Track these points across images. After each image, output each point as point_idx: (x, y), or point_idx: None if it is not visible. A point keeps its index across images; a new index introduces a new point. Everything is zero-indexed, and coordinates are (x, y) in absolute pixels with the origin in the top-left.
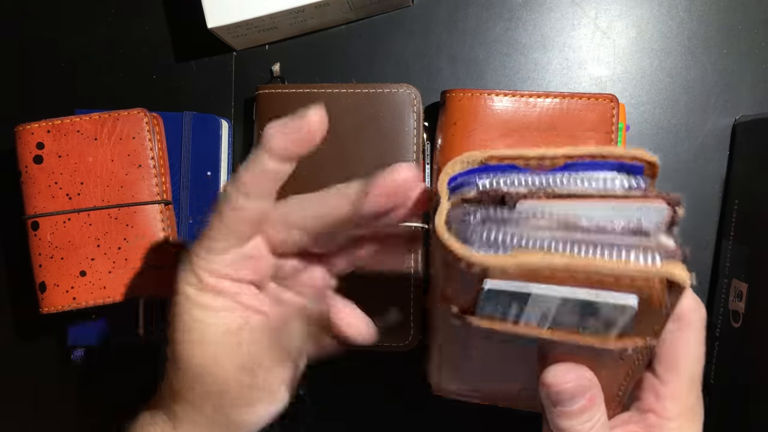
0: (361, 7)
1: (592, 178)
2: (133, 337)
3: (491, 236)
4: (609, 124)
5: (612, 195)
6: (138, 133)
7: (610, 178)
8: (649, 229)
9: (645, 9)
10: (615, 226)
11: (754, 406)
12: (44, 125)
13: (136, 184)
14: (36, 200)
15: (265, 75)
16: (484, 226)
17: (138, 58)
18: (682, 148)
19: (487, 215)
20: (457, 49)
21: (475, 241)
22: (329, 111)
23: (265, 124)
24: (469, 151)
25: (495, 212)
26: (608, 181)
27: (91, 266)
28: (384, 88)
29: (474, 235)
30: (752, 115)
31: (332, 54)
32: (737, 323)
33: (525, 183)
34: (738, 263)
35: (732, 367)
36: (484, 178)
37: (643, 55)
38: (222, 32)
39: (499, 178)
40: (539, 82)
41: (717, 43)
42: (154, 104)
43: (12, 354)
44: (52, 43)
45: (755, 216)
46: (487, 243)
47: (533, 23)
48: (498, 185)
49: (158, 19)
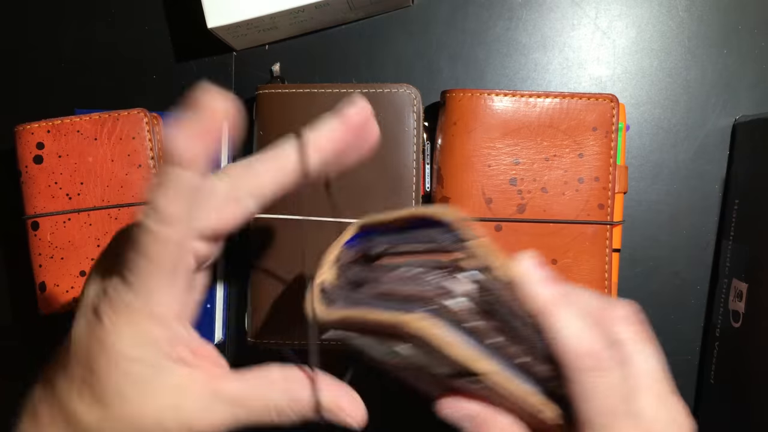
0: (361, 7)
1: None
2: None
3: (342, 299)
4: (609, 124)
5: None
6: (138, 133)
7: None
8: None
9: (645, 9)
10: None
11: (754, 406)
12: (44, 125)
13: (136, 184)
14: (36, 200)
15: (265, 75)
16: (342, 290)
17: (138, 58)
18: (682, 148)
19: (346, 279)
20: (457, 49)
21: (339, 301)
22: (329, 111)
23: (266, 124)
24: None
25: (360, 270)
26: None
27: (91, 266)
28: (384, 88)
29: (335, 297)
30: (752, 115)
31: (332, 54)
32: (737, 323)
33: (382, 245)
34: (738, 263)
35: (732, 367)
36: (355, 247)
37: (643, 55)
38: (222, 32)
39: (366, 244)
40: (539, 82)
41: (717, 43)
42: (154, 104)
43: (12, 354)
44: (52, 43)
45: (755, 216)
46: (346, 303)
47: (533, 23)
48: (365, 250)
49: (158, 19)
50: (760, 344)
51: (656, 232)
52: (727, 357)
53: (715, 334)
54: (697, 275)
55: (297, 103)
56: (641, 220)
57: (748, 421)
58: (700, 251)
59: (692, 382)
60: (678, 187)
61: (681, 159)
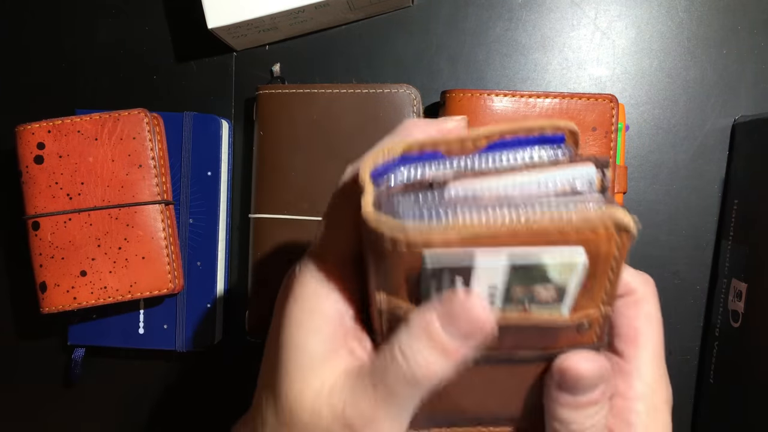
0: (361, 8)
1: (517, 154)
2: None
3: (424, 213)
4: (609, 124)
5: (539, 165)
6: (138, 134)
7: (535, 151)
8: (583, 190)
9: (644, 9)
10: (548, 190)
11: (754, 406)
12: (45, 125)
13: (136, 184)
14: (37, 200)
15: (265, 75)
16: (415, 205)
17: (138, 59)
18: (682, 148)
19: (416, 198)
20: (457, 49)
21: (408, 219)
22: (329, 111)
23: (266, 124)
24: None
25: (425, 196)
26: (534, 153)
27: (91, 266)
28: (384, 88)
29: (406, 213)
30: (752, 115)
31: (332, 54)
32: (737, 323)
33: (450, 167)
34: (737, 263)
35: (732, 367)
36: (408, 169)
37: (642, 56)
38: (222, 32)
39: (424, 167)
40: (539, 82)
41: (716, 43)
42: (155, 104)
43: (12, 354)
44: (53, 43)
45: (755, 216)
46: (420, 219)
47: (533, 23)
48: (423, 173)
49: (159, 20)
50: (759, 344)
51: (656, 232)
52: (727, 357)
53: (715, 334)
54: (696, 275)
55: (297, 103)
56: (641, 220)
57: (747, 421)
58: (699, 251)
59: (691, 381)
60: (677, 187)
61: (680, 159)
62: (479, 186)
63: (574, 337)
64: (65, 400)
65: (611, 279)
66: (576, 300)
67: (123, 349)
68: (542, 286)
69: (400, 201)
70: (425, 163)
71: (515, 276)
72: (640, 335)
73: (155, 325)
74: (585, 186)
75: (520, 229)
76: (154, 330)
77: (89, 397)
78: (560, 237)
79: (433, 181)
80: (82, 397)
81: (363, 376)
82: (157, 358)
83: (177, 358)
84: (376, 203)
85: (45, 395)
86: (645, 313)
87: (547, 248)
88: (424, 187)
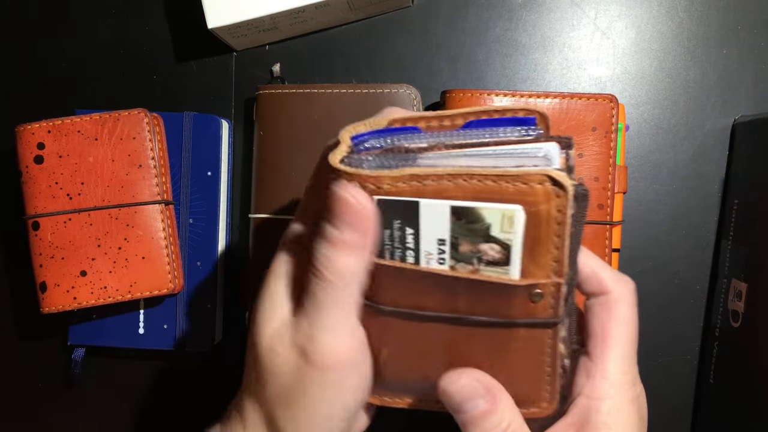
0: (361, 8)
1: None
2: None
3: (383, 163)
4: (608, 124)
5: (507, 141)
6: (138, 134)
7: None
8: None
9: (644, 9)
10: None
11: (754, 406)
12: (45, 125)
13: (136, 184)
14: (37, 200)
15: (265, 75)
16: (383, 160)
17: (138, 59)
18: (682, 148)
19: (386, 156)
20: (457, 49)
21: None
22: (329, 111)
23: (266, 124)
24: None
25: (395, 156)
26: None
27: (91, 266)
28: (384, 88)
29: (369, 165)
30: (751, 115)
31: (332, 54)
32: (737, 323)
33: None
34: (737, 263)
35: (732, 367)
36: (388, 137)
37: (642, 56)
38: (222, 33)
39: (402, 137)
40: (539, 82)
41: (716, 43)
42: (155, 104)
43: (12, 354)
44: (53, 43)
45: (755, 216)
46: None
47: (533, 23)
48: (401, 142)
49: (159, 20)
50: (759, 344)
51: (656, 232)
52: (727, 357)
53: (715, 334)
54: (696, 275)
55: (297, 103)
56: (641, 220)
57: (747, 421)
58: (699, 251)
59: (691, 381)
60: (677, 187)
61: (680, 159)
62: (447, 154)
63: (528, 307)
64: (65, 400)
65: (558, 245)
66: (523, 263)
67: (123, 349)
68: (488, 246)
69: (371, 159)
70: (406, 135)
71: (458, 227)
72: (610, 336)
73: (155, 325)
74: (544, 162)
75: (462, 174)
76: (154, 330)
77: (89, 397)
78: (499, 193)
79: (408, 149)
80: (82, 397)
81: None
82: (157, 358)
83: (177, 358)
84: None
85: (45, 395)
86: (617, 314)
87: (487, 203)
88: (401, 152)
